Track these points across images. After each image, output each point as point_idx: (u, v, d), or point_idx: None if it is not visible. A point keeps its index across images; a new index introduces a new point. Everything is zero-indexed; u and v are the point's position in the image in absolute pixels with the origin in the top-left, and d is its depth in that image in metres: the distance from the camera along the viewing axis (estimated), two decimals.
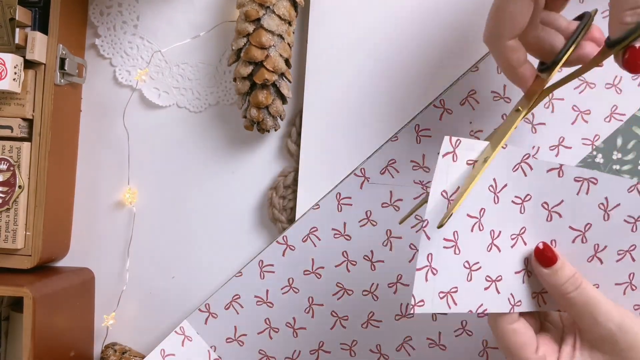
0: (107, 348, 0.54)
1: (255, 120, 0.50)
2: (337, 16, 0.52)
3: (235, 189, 0.54)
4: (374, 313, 0.52)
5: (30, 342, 0.46)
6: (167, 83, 0.55)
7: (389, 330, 0.52)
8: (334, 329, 0.52)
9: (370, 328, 0.52)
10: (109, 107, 0.55)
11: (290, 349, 0.53)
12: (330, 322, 0.52)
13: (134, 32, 0.54)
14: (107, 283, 0.55)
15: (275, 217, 0.53)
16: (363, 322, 0.52)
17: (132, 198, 0.54)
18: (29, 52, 0.48)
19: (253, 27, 0.48)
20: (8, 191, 0.49)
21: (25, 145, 0.49)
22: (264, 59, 0.48)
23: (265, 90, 0.49)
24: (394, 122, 0.52)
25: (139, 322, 0.55)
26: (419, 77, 0.52)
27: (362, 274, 0.52)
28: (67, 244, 0.55)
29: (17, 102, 0.49)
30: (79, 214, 0.55)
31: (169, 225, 0.55)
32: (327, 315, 0.52)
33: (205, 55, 0.54)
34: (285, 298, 0.52)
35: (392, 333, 0.52)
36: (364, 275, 0.52)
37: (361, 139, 0.52)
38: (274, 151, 0.54)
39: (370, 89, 0.52)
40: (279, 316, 0.53)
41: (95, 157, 0.55)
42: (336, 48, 0.52)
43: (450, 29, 0.51)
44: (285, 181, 0.53)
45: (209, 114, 0.55)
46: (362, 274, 0.52)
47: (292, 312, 0.53)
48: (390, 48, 0.52)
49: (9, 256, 0.50)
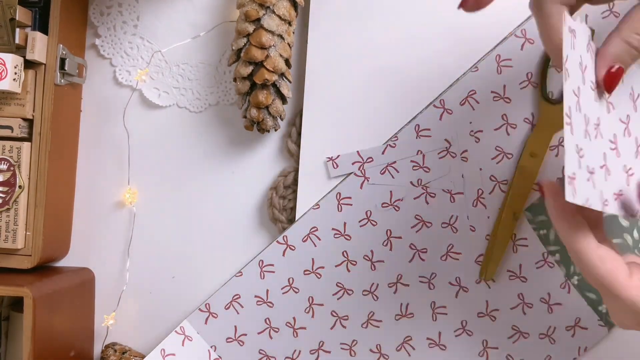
0: (107, 348, 0.54)
1: (255, 120, 0.50)
2: (337, 16, 0.52)
3: (235, 189, 0.54)
4: (374, 313, 0.52)
5: (30, 342, 0.46)
6: (167, 83, 0.55)
7: (389, 330, 0.52)
8: (334, 328, 0.52)
9: (370, 328, 0.52)
10: (109, 107, 0.55)
11: (290, 348, 0.53)
12: (331, 322, 0.52)
13: (134, 32, 0.54)
14: (107, 283, 0.55)
15: (275, 217, 0.53)
16: (363, 322, 0.52)
17: (132, 198, 0.54)
18: (29, 52, 0.48)
19: (253, 27, 0.48)
20: (8, 191, 0.49)
21: (25, 145, 0.49)
22: (264, 59, 0.48)
23: (265, 90, 0.49)
24: (394, 122, 0.52)
25: (139, 322, 0.55)
26: (419, 77, 0.52)
27: (362, 273, 0.52)
28: (67, 244, 0.55)
29: (17, 102, 0.49)
30: (79, 214, 0.55)
31: (168, 225, 0.55)
32: (327, 315, 0.52)
33: (206, 55, 0.54)
34: (286, 298, 0.52)
35: (392, 333, 0.52)
36: (364, 275, 0.52)
37: (361, 139, 0.52)
38: (274, 151, 0.54)
39: (370, 88, 0.52)
40: (279, 316, 0.53)
41: (95, 157, 0.55)
42: (336, 48, 0.52)
43: (450, 28, 0.51)
44: (285, 181, 0.53)
45: (209, 114, 0.55)
46: (362, 273, 0.52)
47: (292, 312, 0.53)
48: (390, 48, 0.52)
49: (9, 256, 0.50)
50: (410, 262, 0.52)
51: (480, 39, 0.51)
